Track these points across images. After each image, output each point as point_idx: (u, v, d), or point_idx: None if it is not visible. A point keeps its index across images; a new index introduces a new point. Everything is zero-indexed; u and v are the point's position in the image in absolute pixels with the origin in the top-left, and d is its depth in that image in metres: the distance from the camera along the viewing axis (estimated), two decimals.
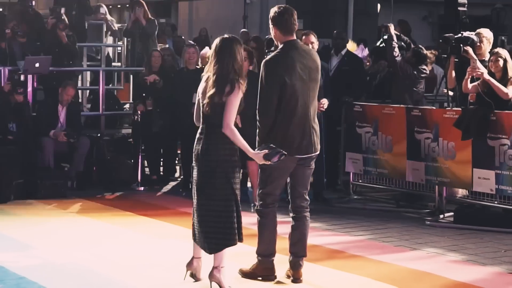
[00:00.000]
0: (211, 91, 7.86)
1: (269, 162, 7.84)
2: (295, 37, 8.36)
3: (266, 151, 7.81)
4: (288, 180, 8.42)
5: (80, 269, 8.96)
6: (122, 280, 8.55)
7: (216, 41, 8.06)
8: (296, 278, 8.42)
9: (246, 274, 8.50)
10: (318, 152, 8.43)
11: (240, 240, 8.06)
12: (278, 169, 8.13)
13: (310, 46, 11.48)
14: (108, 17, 18.60)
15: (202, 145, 8.00)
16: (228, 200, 7.93)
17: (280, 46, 8.29)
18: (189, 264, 8.32)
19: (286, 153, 7.88)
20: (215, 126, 7.90)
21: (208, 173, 7.93)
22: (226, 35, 8.16)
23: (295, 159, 8.24)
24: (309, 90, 8.27)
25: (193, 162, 8.08)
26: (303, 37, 11.92)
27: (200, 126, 8.10)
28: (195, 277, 8.31)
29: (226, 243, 7.93)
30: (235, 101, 7.85)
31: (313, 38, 11.89)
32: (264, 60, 8.28)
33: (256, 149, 7.94)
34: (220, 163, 7.91)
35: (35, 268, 8.88)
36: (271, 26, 8.36)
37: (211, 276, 7.94)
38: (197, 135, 8.09)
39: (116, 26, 18.78)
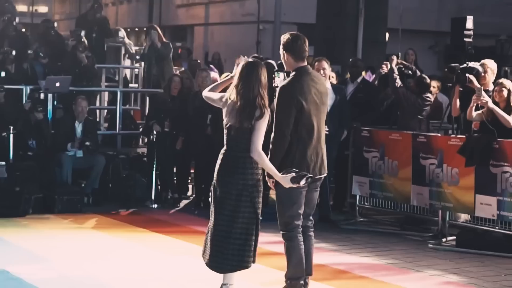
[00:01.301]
0: (240, 117, 7.77)
1: (296, 185, 7.77)
2: (306, 63, 8.37)
3: (293, 174, 7.74)
4: None
5: (94, 282, 8.96)
6: None
7: (241, 65, 7.97)
8: None
9: None
10: (326, 174, 8.43)
11: (253, 261, 7.99)
12: (296, 190, 7.98)
13: (322, 72, 11.58)
14: (126, 40, 18.72)
15: (228, 168, 7.88)
16: (250, 224, 7.85)
17: (294, 72, 8.29)
18: None
19: (312, 175, 7.85)
20: (243, 150, 7.81)
21: (233, 195, 7.82)
22: (250, 59, 8.14)
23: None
24: (321, 114, 8.28)
25: (215, 182, 7.98)
26: (316, 63, 11.97)
27: (225, 149, 7.96)
28: None
29: (242, 265, 7.86)
30: (264, 125, 7.78)
31: (325, 64, 11.95)
32: (281, 85, 8.25)
33: (282, 173, 7.81)
34: (246, 187, 7.82)
35: (50, 281, 8.89)
36: (282, 52, 8.32)
37: None
38: (221, 157, 7.96)
39: (133, 49, 18.89)
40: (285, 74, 8.65)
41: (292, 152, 8.07)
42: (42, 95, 14.53)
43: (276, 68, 14.87)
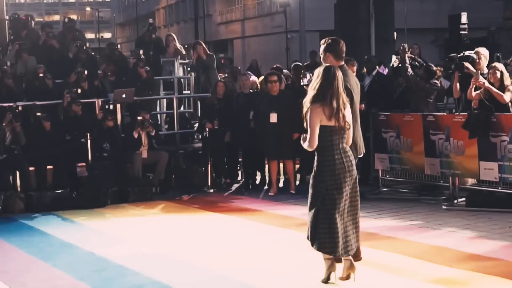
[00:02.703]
0: (343, 117, 7.20)
1: None
2: (344, 63, 7.96)
3: None
4: None
5: (167, 257, 8.98)
6: (201, 264, 8.55)
7: (320, 70, 7.28)
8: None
9: None
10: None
11: None
12: None
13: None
14: (177, 44, 18.29)
15: (348, 162, 7.29)
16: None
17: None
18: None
19: None
20: (345, 145, 7.34)
21: (356, 184, 7.39)
22: (328, 65, 7.41)
23: None
24: (358, 101, 7.98)
25: (338, 176, 7.27)
26: (349, 64, 11.79)
27: (336, 148, 7.27)
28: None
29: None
30: None
31: (355, 67, 11.77)
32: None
33: None
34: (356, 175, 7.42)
35: (130, 258, 8.92)
36: (324, 53, 7.86)
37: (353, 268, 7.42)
38: (339, 156, 7.25)
39: (184, 51, 18.50)
40: (311, 74, 8.44)
41: None
42: (111, 106, 14.58)
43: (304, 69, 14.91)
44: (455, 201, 11.59)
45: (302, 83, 13.78)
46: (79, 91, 14.42)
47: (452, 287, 7.27)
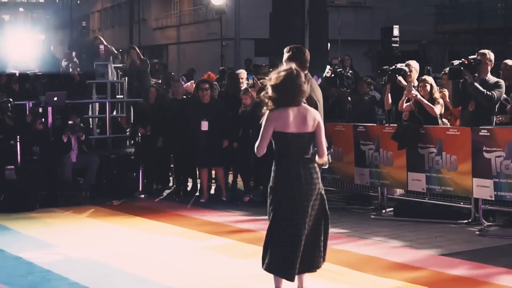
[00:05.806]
0: (301, 123, 6.67)
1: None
2: (307, 72, 7.81)
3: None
4: None
5: (94, 262, 8.89)
6: (129, 269, 8.49)
7: (278, 74, 6.60)
8: None
9: None
10: None
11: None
12: None
13: None
14: (108, 45, 18.05)
15: (307, 174, 6.67)
16: (323, 224, 6.93)
17: None
18: None
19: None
20: (308, 154, 6.75)
21: (310, 204, 6.80)
22: (291, 67, 6.71)
23: None
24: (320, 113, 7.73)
25: (292, 189, 6.64)
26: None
27: (293, 157, 6.63)
28: None
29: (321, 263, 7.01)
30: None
31: None
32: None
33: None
34: (319, 190, 6.85)
35: (57, 263, 8.80)
36: (288, 61, 7.70)
37: None
38: (295, 166, 6.63)
39: (115, 50, 18.32)
40: (253, 77, 8.36)
41: None
42: (41, 109, 14.37)
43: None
44: (383, 211, 11.74)
45: (247, 84, 13.63)
46: (11, 101, 14.05)
47: None
